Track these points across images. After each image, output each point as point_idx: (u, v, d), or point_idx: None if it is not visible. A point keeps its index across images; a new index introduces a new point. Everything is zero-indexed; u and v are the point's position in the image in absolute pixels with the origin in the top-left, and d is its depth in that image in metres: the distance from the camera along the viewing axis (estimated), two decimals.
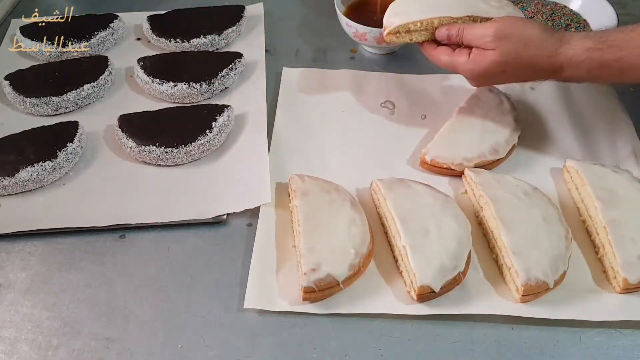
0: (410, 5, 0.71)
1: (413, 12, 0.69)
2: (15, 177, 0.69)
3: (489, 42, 0.64)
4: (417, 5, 0.70)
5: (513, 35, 0.63)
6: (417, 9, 0.70)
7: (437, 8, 0.69)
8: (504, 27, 0.64)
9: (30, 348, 0.58)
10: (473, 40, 0.65)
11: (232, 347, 0.58)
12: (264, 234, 0.66)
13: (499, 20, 0.65)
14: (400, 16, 0.69)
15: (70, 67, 0.84)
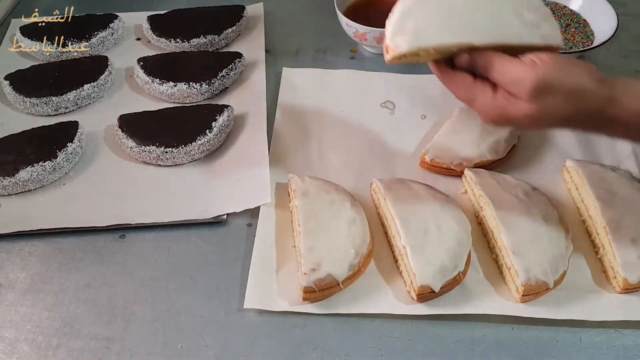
0: (420, 20, 0.53)
1: (425, 31, 0.53)
2: (15, 177, 0.69)
3: (526, 94, 0.50)
4: (430, 20, 0.54)
5: (557, 89, 0.50)
6: (430, 26, 0.53)
7: (458, 28, 0.53)
8: (547, 78, 0.49)
9: (30, 348, 0.58)
10: (505, 84, 0.52)
11: (232, 347, 0.58)
12: (264, 234, 0.66)
13: (540, 65, 0.50)
14: (408, 37, 0.53)
15: (70, 67, 0.84)
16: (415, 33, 0.53)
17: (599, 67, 0.55)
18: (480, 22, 0.54)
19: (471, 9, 0.54)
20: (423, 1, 0.54)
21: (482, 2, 0.54)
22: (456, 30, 0.53)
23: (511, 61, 0.51)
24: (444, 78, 0.56)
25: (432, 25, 0.53)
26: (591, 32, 0.89)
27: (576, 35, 0.89)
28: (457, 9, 0.54)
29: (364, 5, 0.91)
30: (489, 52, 0.52)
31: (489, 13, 0.54)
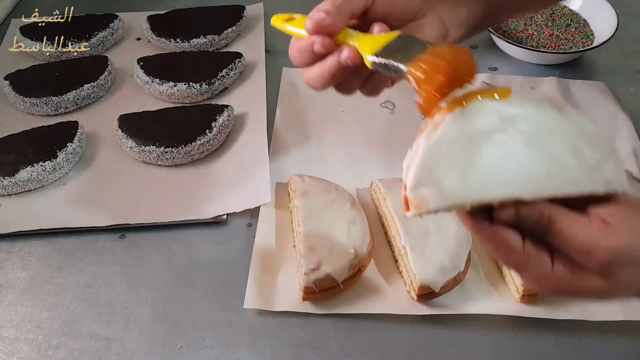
0: (453, 167, 0.39)
1: (459, 182, 0.39)
2: (15, 177, 0.69)
3: (599, 267, 0.39)
4: (465, 166, 0.39)
5: (637, 259, 0.39)
6: (466, 175, 0.39)
7: (502, 176, 0.39)
8: (624, 246, 0.38)
9: (30, 348, 0.58)
10: (570, 252, 0.39)
11: (231, 347, 0.58)
12: (264, 234, 0.66)
13: (613, 228, 0.38)
14: (437, 190, 0.39)
15: (70, 67, 0.84)
16: (446, 185, 0.39)
17: (599, 67, 0.54)
18: (529, 167, 0.39)
19: (517, 148, 0.39)
20: (455, 139, 0.39)
21: (531, 138, 0.40)
22: (500, 179, 0.39)
23: (577, 222, 0.39)
24: (480, 234, 0.41)
25: (469, 174, 0.39)
26: (591, 32, 0.89)
27: (576, 35, 0.89)
28: (499, 149, 0.39)
29: None
30: (544, 206, 0.39)
31: (540, 154, 0.39)
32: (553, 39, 0.88)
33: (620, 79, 0.86)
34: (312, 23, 0.46)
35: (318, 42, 0.46)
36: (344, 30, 0.47)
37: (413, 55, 0.41)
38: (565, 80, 0.84)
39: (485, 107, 0.39)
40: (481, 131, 0.39)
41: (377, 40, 0.45)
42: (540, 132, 0.40)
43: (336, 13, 0.46)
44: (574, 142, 0.40)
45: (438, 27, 0.51)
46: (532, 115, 0.40)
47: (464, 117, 0.39)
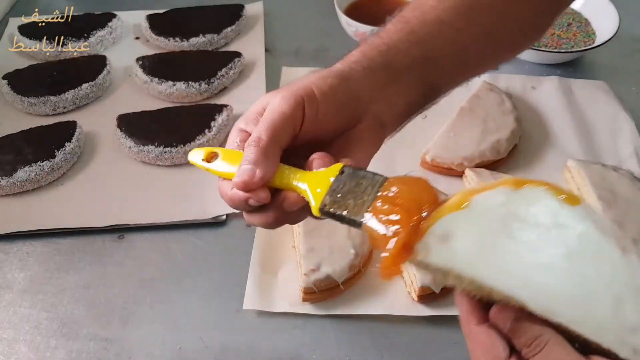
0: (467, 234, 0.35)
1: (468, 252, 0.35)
2: (13, 177, 0.69)
3: None
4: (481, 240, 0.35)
5: None
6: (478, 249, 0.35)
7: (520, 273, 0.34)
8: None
9: (28, 349, 0.58)
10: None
11: (231, 348, 0.58)
12: (264, 234, 0.66)
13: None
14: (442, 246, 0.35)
15: (69, 67, 0.84)
16: (458, 248, 0.35)
17: (601, 67, 0.53)
18: (557, 281, 0.34)
19: (552, 253, 0.34)
20: (493, 213, 0.35)
21: (575, 255, 0.34)
22: (513, 275, 0.34)
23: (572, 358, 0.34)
24: (466, 326, 0.37)
25: (485, 250, 0.35)
26: (592, 32, 0.89)
27: (578, 34, 0.88)
28: (532, 244, 0.34)
29: (364, 4, 0.91)
30: (548, 330, 0.34)
31: (576, 276, 0.34)
32: (554, 38, 0.88)
33: (622, 78, 0.85)
34: (241, 181, 0.39)
35: (254, 199, 0.40)
36: (279, 170, 0.40)
37: (365, 202, 0.36)
38: (567, 79, 0.84)
39: (543, 199, 0.35)
40: (524, 219, 0.35)
41: (318, 180, 0.39)
42: (589, 256, 0.34)
43: (264, 160, 0.39)
44: (621, 289, 0.34)
45: (376, 130, 0.45)
46: (589, 234, 0.34)
47: (515, 197, 0.35)
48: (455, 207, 0.35)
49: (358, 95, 0.43)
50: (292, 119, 0.40)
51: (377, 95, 0.44)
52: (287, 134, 0.41)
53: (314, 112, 0.41)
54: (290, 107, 0.40)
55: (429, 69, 0.46)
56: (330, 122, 0.42)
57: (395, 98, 0.45)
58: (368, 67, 0.44)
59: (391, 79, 0.45)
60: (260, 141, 0.39)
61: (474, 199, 0.35)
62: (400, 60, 0.45)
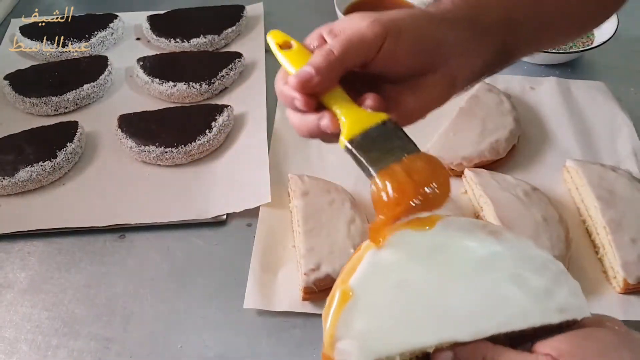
0: (376, 313, 0.36)
1: (384, 331, 0.36)
2: (15, 177, 0.69)
3: None
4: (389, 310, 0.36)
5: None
6: (391, 322, 0.36)
7: (433, 318, 0.36)
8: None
9: (29, 348, 0.58)
10: None
11: (231, 347, 0.58)
12: (264, 234, 0.66)
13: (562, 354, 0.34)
14: (359, 343, 0.35)
15: (70, 67, 0.84)
16: (370, 336, 0.35)
17: (599, 67, 0.54)
18: (465, 303, 0.36)
19: (450, 283, 0.36)
20: (376, 276, 0.36)
21: (464, 271, 0.36)
22: (431, 322, 0.35)
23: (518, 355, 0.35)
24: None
25: (394, 320, 0.35)
26: (591, 32, 0.89)
27: None
28: (428, 285, 0.36)
29: (363, 5, 0.91)
30: (486, 347, 0.36)
31: (476, 289, 0.36)
32: None
33: (621, 79, 0.86)
34: (297, 81, 0.39)
35: (299, 101, 0.40)
36: (334, 89, 0.41)
37: (386, 160, 0.37)
38: (565, 80, 0.84)
39: (408, 240, 0.36)
40: (404, 269, 0.36)
41: (359, 118, 0.39)
42: (474, 264, 0.36)
43: (327, 73, 0.40)
44: (516, 271, 0.36)
45: (447, 83, 0.44)
46: (462, 246, 0.36)
47: (384, 255, 0.36)
48: (343, 302, 0.35)
49: (441, 44, 0.43)
50: (368, 46, 0.40)
51: (458, 50, 0.44)
52: (357, 58, 0.41)
53: (392, 48, 0.41)
54: (372, 35, 0.40)
55: (510, 30, 0.46)
56: (405, 62, 0.42)
57: (473, 56, 0.45)
58: (455, 20, 0.44)
59: (475, 36, 0.45)
60: (330, 54, 0.40)
61: (352, 286, 0.36)
62: (485, 18, 0.45)
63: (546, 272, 0.37)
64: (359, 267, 0.36)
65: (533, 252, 0.37)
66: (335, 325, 0.35)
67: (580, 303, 0.38)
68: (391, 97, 0.42)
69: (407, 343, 0.35)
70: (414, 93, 0.43)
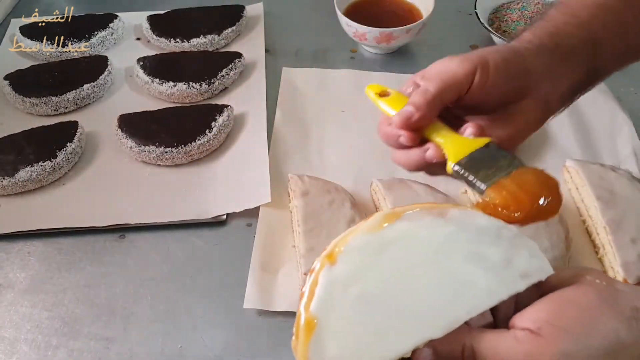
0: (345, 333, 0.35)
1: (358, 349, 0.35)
2: (15, 177, 0.69)
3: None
4: (359, 327, 0.35)
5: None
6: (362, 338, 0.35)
7: (403, 323, 0.35)
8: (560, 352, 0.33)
9: (29, 348, 0.58)
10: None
11: (231, 347, 0.58)
12: (264, 234, 0.66)
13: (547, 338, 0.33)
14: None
15: (70, 67, 0.84)
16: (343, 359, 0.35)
17: None
18: (430, 297, 0.35)
19: (410, 280, 0.35)
20: (335, 295, 0.35)
21: (420, 262, 0.36)
22: (401, 327, 0.35)
23: (502, 343, 0.34)
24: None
25: (364, 335, 0.35)
26: None
27: None
28: (388, 289, 0.35)
29: (364, 4, 0.91)
30: (463, 335, 0.35)
31: (436, 277, 0.36)
32: None
33: (621, 78, 0.85)
34: (400, 119, 0.43)
35: (404, 138, 0.43)
36: (434, 122, 0.44)
37: (495, 176, 0.39)
38: None
39: (358, 247, 0.36)
40: (361, 279, 0.35)
41: (463, 145, 0.42)
42: (430, 254, 0.36)
43: (426, 109, 0.43)
44: (471, 249, 0.36)
45: (540, 109, 0.47)
46: (414, 238, 0.36)
47: (338, 270, 0.35)
48: (309, 332, 0.35)
49: (529, 70, 0.45)
50: (461, 82, 0.43)
51: (546, 74, 0.46)
52: (452, 93, 0.44)
53: (483, 80, 0.43)
54: (463, 70, 0.43)
55: (594, 50, 0.48)
56: (497, 93, 0.44)
57: (561, 79, 0.47)
58: (539, 46, 0.46)
59: (560, 59, 0.47)
60: (427, 92, 0.43)
61: (313, 313, 0.35)
62: (568, 41, 0.47)
63: (501, 240, 0.37)
64: (316, 290, 0.35)
65: (483, 222, 0.37)
66: (307, 358, 0.35)
67: (541, 263, 0.37)
68: (487, 127, 0.44)
69: (382, 356, 0.34)
70: (508, 120, 0.45)
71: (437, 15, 0.86)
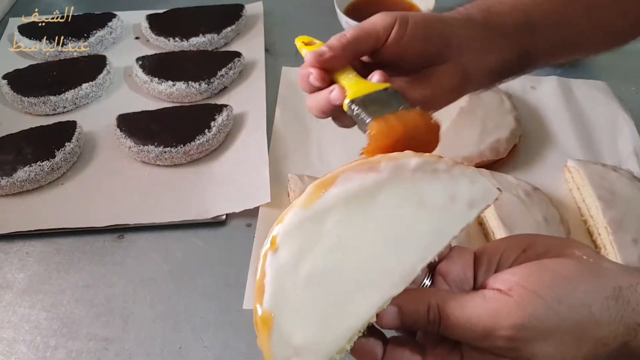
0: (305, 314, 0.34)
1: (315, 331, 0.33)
2: (13, 177, 0.69)
3: (508, 352, 0.32)
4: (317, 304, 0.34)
5: (552, 330, 0.32)
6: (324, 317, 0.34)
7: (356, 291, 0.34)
8: (531, 321, 0.31)
9: (28, 349, 0.58)
10: (473, 341, 0.33)
11: (231, 348, 0.58)
12: (264, 234, 0.66)
13: (518, 299, 0.32)
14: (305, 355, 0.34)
15: (69, 67, 0.84)
16: (309, 345, 0.33)
17: (600, 67, 0.53)
18: (380, 253, 0.34)
19: (355, 243, 0.34)
20: (283, 283, 0.34)
21: (362, 225, 0.34)
22: (360, 294, 0.33)
23: (470, 303, 0.33)
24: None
25: (325, 314, 0.33)
26: None
27: None
28: (335, 258, 0.34)
29: (364, 4, 0.91)
30: (428, 294, 0.34)
31: (381, 233, 0.34)
32: None
33: (622, 78, 0.85)
34: (312, 56, 0.45)
35: (313, 75, 0.45)
36: (346, 69, 0.46)
37: (383, 112, 0.41)
38: (567, 79, 0.84)
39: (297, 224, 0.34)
40: (306, 257, 0.34)
41: (364, 87, 0.44)
42: (365, 213, 0.34)
43: (339, 50, 0.44)
44: (408, 194, 0.35)
45: (458, 77, 0.46)
46: (346, 198, 0.34)
47: (282, 254, 0.34)
48: (267, 328, 0.34)
49: (449, 38, 0.46)
50: (378, 31, 0.45)
51: (469, 45, 0.46)
52: (369, 41, 0.45)
53: (400, 34, 0.45)
54: (381, 22, 0.45)
55: (527, 35, 0.48)
56: (414, 51, 0.45)
57: (488, 53, 0.47)
58: (466, 19, 0.47)
59: (488, 34, 0.47)
60: (343, 36, 0.45)
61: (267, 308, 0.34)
62: (498, 20, 0.47)
63: (438, 175, 0.35)
64: (265, 281, 0.34)
65: (414, 163, 0.36)
66: (271, 353, 0.34)
67: (484, 187, 0.36)
68: (403, 88, 0.44)
69: (349, 328, 0.33)
70: (425, 83, 0.45)
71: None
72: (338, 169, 0.36)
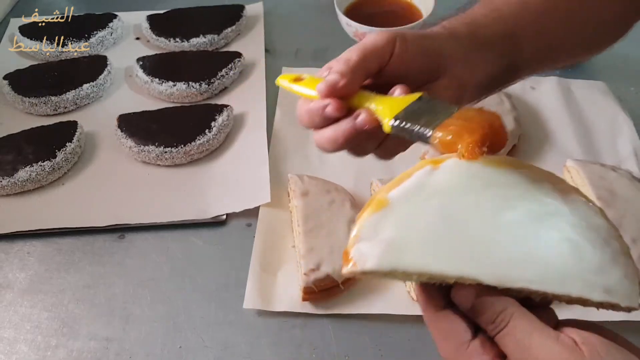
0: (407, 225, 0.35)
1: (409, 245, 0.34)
2: (14, 177, 0.69)
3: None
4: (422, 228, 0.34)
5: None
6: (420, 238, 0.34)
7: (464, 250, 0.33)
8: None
9: (29, 348, 0.58)
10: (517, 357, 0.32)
11: (231, 348, 0.58)
12: (264, 234, 0.66)
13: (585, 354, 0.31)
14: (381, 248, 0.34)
15: (69, 67, 0.84)
16: (392, 245, 0.33)
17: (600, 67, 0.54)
18: (503, 246, 0.33)
19: (494, 222, 0.34)
20: (418, 194, 0.35)
21: (514, 214, 0.34)
22: (460, 254, 0.33)
23: (542, 333, 0.32)
24: (426, 316, 0.35)
25: (424, 240, 0.34)
26: None
27: None
28: (470, 218, 0.34)
29: (364, 4, 0.91)
30: (509, 302, 0.33)
31: (521, 234, 0.33)
32: None
33: (621, 78, 0.85)
34: (325, 86, 0.41)
35: (331, 106, 0.41)
36: (359, 93, 0.42)
37: (438, 120, 0.37)
38: (566, 79, 0.84)
39: (465, 170, 0.35)
40: (451, 196, 0.34)
41: (396, 103, 0.40)
42: (529, 213, 0.34)
43: (351, 74, 0.41)
44: (572, 235, 0.34)
45: (455, 90, 0.46)
46: (522, 191, 0.35)
47: (435, 177, 0.35)
48: (377, 208, 0.35)
49: (441, 51, 0.45)
50: (382, 49, 0.43)
51: (459, 57, 0.45)
52: (375, 62, 0.43)
53: (403, 49, 0.43)
54: (383, 40, 0.43)
55: (511, 46, 0.47)
56: (416, 66, 0.44)
57: (477, 67, 0.46)
58: (451, 33, 0.46)
59: (474, 48, 0.46)
60: (349, 60, 0.42)
61: (389, 197, 0.35)
62: (483, 32, 0.47)
63: (606, 248, 0.34)
64: (404, 183, 0.36)
65: (598, 222, 0.34)
66: (363, 225, 0.34)
67: (631, 290, 0.34)
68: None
69: (430, 266, 0.33)
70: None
71: (437, 14, 0.86)
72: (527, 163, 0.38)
